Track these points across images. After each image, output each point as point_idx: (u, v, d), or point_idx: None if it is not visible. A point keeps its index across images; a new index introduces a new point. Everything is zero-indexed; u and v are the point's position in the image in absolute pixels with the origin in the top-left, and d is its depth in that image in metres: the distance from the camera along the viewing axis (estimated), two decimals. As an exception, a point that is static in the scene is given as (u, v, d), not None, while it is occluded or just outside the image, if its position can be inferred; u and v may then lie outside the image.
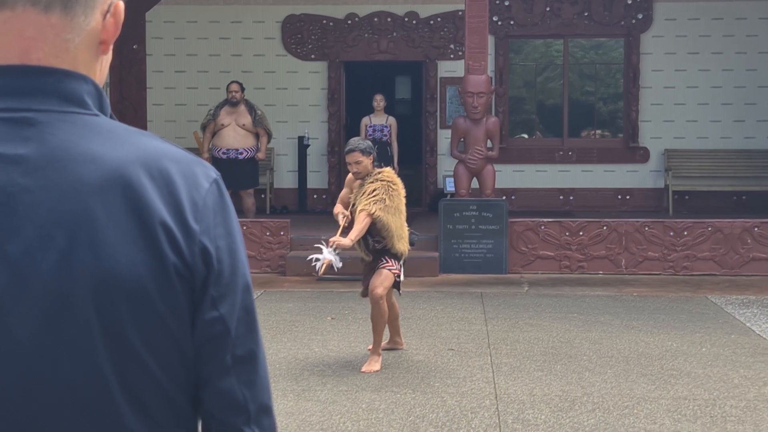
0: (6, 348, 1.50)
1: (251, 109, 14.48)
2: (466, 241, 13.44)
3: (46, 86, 1.56)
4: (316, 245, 8.44)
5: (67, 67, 1.58)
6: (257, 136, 14.45)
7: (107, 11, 1.62)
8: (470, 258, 13.43)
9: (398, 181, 8.26)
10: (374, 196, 8.00)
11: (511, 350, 8.91)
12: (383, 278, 8.17)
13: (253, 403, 1.64)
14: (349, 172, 8.41)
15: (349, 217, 8.24)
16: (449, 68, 17.68)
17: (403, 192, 8.26)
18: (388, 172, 8.27)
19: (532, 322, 10.15)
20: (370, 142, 8.38)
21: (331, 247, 8.07)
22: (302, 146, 17.21)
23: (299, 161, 17.34)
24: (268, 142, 14.74)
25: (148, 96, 17.74)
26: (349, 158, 8.20)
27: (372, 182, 8.12)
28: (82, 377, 1.52)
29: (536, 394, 7.47)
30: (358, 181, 8.31)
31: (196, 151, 14.12)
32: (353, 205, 8.21)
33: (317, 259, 8.07)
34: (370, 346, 8.39)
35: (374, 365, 8.15)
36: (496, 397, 7.39)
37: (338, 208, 8.42)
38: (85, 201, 1.52)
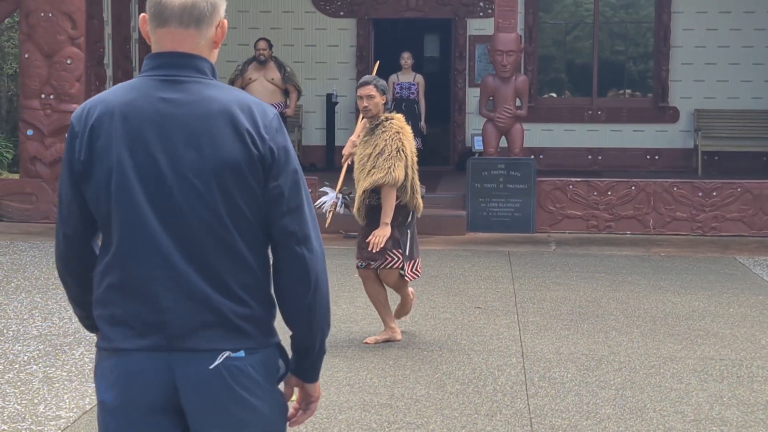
0: (170, 205, 2.79)
1: (280, 66, 14.45)
2: (493, 199, 13.43)
3: (187, 63, 2.85)
4: (320, 189, 8.30)
5: (197, 54, 2.86)
6: (286, 92, 14.43)
7: (217, 25, 2.89)
8: (498, 217, 13.42)
9: (408, 129, 7.62)
10: (390, 159, 7.35)
11: (538, 309, 8.92)
12: (385, 276, 7.72)
13: (300, 232, 2.87)
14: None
15: (350, 162, 7.81)
16: (478, 26, 17.58)
17: (412, 141, 7.66)
18: (399, 119, 7.61)
19: (559, 282, 10.16)
20: (385, 83, 7.79)
21: (338, 192, 7.92)
22: (330, 103, 17.20)
23: (327, 118, 17.34)
24: (298, 99, 14.73)
25: (176, 52, 17.72)
26: (361, 91, 7.55)
27: (383, 132, 7.48)
28: (211, 217, 2.79)
29: (563, 353, 7.49)
30: (365, 126, 7.69)
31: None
32: (352, 157, 7.72)
33: (324, 202, 7.99)
34: (369, 339, 7.79)
35: (395, 335, 7.81)
36: (522, 356, 7.41)
37: (347, 149, 7.89)
38: (208, 121, 2.80)
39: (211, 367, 2.79)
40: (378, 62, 10.97)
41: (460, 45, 17.71)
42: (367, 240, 7.51)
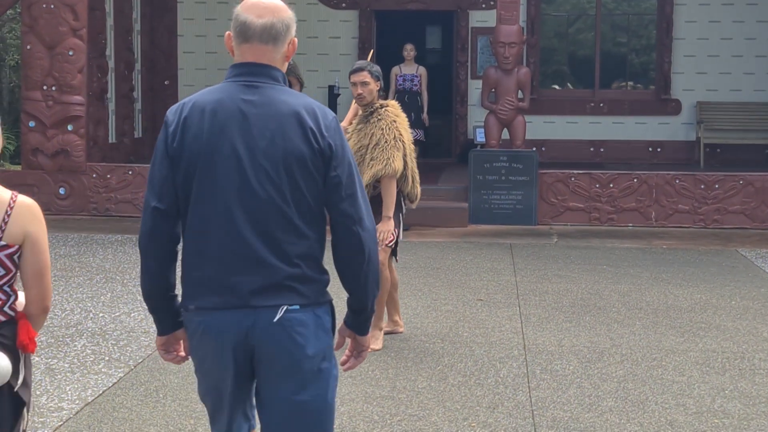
0: (245, 185, 3.40)
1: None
2: (495, 192, 13.43)
3: (264, 72, 3.51)
4: None
5: (273, 65, 3.52)
6: (288, 84, 14.41)
7: (289, 43, 3.55)
8: (500, 209, 13.42)
9: (404, 116, 7.42)
10: (387, 150, 7.16)
11: (540, 301, 8.92)
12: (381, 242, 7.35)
13: (356, 214, 3.47)
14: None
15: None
16: (481, 18, 17.56)
17: (408, 129, 7.42)
18: (394, 106, 7.39)
19: (561, 274, 10.16)
20: (379, 68, 7.50)
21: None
22: (333, 95, 17.18)
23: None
24: (300, 90, 14.71)
25: (179, 44, 17.72)
26: (355, 78, 7.34)
27: (378, 120, 7.26)
28: (278, 198, 3.41)
29: (564, 345, 7.50)
30: (359, 114, 7.49)
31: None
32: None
33: None
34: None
35: (375, 343, 7.31)
36: (524, 348, 7.41)
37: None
38: (280, 119, 3.43)
39: (275, 320, 3.42)
40: (372, 50, 10.90)
41: (463, 37, 17.69)
42: None
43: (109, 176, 13.65)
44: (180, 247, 3.54)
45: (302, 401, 3.49)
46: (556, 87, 18.25)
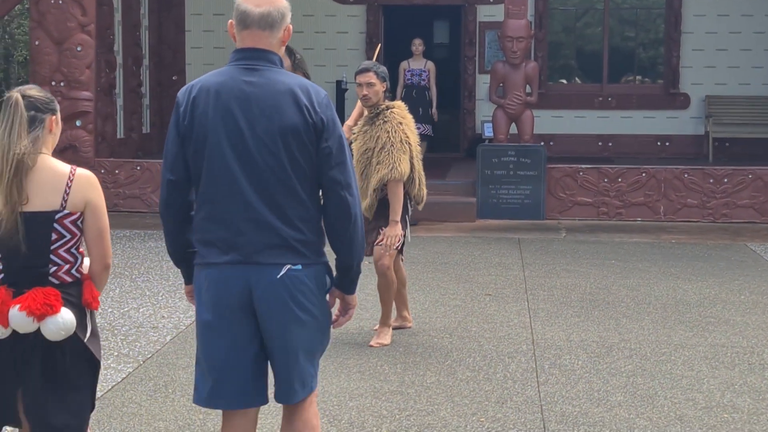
0: (248, 158, 3.82)
1: (290, 53, 14.34)
2: (503, 186, 13.41)
3: (262, 56, 3.90)
4: None
5: (270, 50, 3.92)
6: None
7: (285, 29, 3.94)
8: (507, 204, 13.41)
9: (410, 117, 7.28)
10: (394, 153, 7.05)
11: (549, 296, 8.91)
12: (382, 255, 7.25)
13: (344, 181, 3.89)
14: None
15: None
16: (489, 12, 17.53)
17: (415, 131, 7.32)
18: (400, 108, 7.27)
19: (570, 268, 10.14)
20: (386, 69, 7.37)
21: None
22: (340, 90, 17.17)
23: (337, 105, 17.29)
24: (307, 86, 14.67)
25: (186, 39, 17.72)
26: (360, 78, 7.21)
27: (384, 123, 7.15)
28: (278, 168, 3.82)
29: (573, 340, 7.49)
30: (365, 115, 7.42)
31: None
32: (353, 142, 7.32)
33: None
34: (377, 326, 7.56)
35: (384, 338, 7.35)
36: (533, 343, 7.40)
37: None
38: (277, 97, 3.84)
39: (278, 276, 3.83)
40: (379, 45, 10.82)
41: (470, 31, 17.65)
42: (379, 241, 7.18)
43: (117, 172, 13.66)
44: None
45: (296, 347, 3.92)
46: (564, 81, 18.22)
